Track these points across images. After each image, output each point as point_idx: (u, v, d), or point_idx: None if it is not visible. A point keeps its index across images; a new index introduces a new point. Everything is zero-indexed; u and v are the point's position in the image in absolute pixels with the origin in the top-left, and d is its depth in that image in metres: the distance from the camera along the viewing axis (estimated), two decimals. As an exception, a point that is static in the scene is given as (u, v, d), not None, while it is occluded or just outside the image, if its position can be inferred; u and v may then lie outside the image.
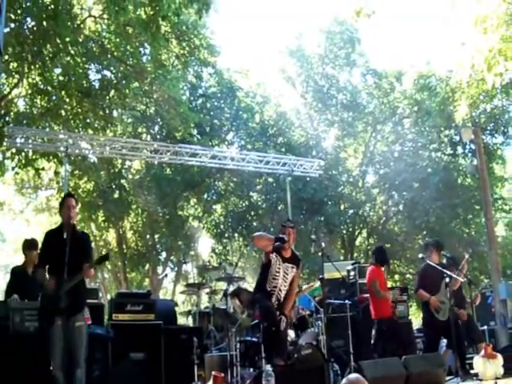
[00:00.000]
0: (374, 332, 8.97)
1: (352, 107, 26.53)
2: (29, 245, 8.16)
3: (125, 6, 12.88)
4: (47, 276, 6.07)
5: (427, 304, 8.84)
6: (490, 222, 17.06)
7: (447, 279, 8.45)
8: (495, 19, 8.35)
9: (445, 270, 8.48)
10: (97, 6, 16.52)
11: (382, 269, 9.41)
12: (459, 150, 25.22)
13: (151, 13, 13.27)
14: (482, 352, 7.74)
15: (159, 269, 25.78)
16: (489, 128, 23.48)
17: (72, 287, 5.85)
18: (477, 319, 11.28)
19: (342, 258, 24.68)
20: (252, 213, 25.96)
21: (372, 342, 8.96)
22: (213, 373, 6.48)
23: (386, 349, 8.60)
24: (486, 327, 12.56)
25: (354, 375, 4.73)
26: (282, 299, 7.17)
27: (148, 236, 25.73)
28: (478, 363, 7.68)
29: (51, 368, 5.81)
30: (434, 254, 9.00)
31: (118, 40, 17.02)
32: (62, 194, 16.74)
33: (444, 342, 9.16)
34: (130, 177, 24.39)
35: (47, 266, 6.14)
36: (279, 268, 7.14)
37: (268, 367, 6.05)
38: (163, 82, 17.92)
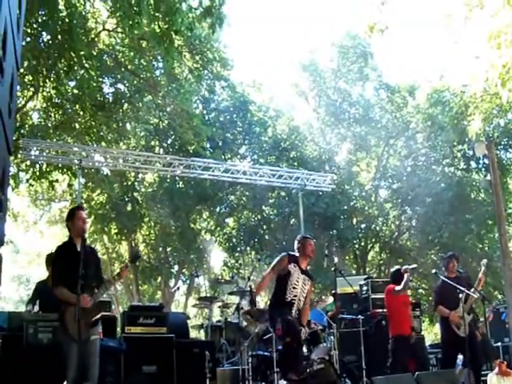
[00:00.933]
0: (390, 349, 8.84)
1: (365, 121, 26.50)
2: (50, 259, 8.17)
3: (139, 19, 12.95)
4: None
5: (446, 320, 8.69)
6: (504, 237, 16.93)
7: (460, 295, 8.34)
8: (509, 34, 8.32)
9: (458, 287, 8.37)
10: (111, 19, 16.67)
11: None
12: (473, 164, 25.10)
13: (165, 27, 13.35)
14: (496, 369, 7.68)
15: (171, 282, 25.78)
16: (503, 143, 23.38)
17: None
18: (491, 336, 11.19)
19: (354, 272, 24.59)
20: (264, 227, 25.92)
21: (390, 361, 8.81)
22: (225, 387, 6.47)
23: (398, 365, 8.51)
24: (500, 344, 12.41)
25: None
26: (300, 308, 7.16)
27: (160, 249, 25.75)
28: (493, 380, 7.62)
29: (65, 382, 5.79)
30: (453, 266, 8.87)
31: (131, 54, 17.18)
32: (75, 206, 16.80)
33: (460, 359, 9.01)
34: (143, 190, 24.46)
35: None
36: (299, 278, 7.14)
37: (282, 382, 6.03)
38: (176, 96, 18.04)
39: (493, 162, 17.52)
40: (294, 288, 7.10)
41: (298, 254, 7.33)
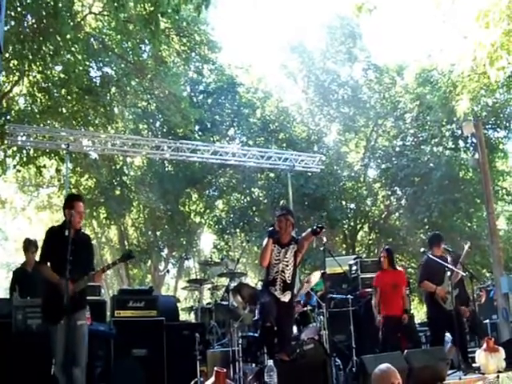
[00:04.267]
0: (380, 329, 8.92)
1: (353, 102, 26.46)
2: (27, 245, 8.19)
3: (125, 2, 12.85)
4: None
5: (432, 296, 8.78)
6: (492, 215, 16.99)
7: (449, 273, 8.42)
8: (497, 13, 8.30)
9: (446, 264, 8.46)
10: (97, 2, 16.52)
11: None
12: (461, 144, 25.13)
13: (151, 9, 13.24)
14: (484, 345, 7.75)
15: (161, 265, 25.82)
16: (490, 122, 23.40)
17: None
18: (479, 313, 11.30)
19: (343, 252, 24.68)
20: (254, 208, 25.94)
21: (381, 341, 8.88)
22: (215, 368, 6.47)
23: (388, 343, 8.58)
24: (488, 321, 12.56)
25: (384, 365, 4.75)
26: (288, 279, 7.11)
27: (150, 232, 25.74)
28: (481, 357, 7.69)
29: (53, 366, 5.81)
30: (436, 248, 8.95)
31: (118, 37, 17.03)
32: (64, 192, 16.79)
33: (448, 337, 9.10)
34: (132, 173, 24.37)
35: (49, 264, 6.07)
36: (278, 255, 7.11)
37: (270, 362, 6.05)
38: (164, 79, 17.93)
39: (480, 141, 17.52)
40: (274, 266, 7.09)
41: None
